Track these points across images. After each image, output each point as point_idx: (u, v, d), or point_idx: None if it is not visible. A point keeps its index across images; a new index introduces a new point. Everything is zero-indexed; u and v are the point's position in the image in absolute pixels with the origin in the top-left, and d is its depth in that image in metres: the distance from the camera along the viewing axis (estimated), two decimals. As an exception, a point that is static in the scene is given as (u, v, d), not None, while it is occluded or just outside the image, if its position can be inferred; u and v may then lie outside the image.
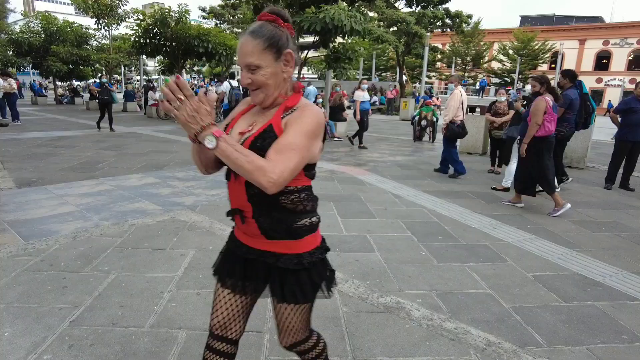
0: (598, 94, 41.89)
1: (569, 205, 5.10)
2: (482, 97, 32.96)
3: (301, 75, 13.61)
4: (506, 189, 6.12)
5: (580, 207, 5.47)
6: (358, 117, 10.12)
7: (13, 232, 3.88)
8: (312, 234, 1.40)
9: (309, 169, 1.36)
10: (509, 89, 21.63)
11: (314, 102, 11.11)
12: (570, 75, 6.35)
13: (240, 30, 32.14)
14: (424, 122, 11.99)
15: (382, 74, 42.67)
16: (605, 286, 3.22)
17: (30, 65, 25.57)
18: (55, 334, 2.35)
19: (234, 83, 13.47)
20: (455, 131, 6.85)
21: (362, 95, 10.23)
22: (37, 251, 3.47)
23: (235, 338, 1.55)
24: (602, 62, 42.31)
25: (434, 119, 12.28)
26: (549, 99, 5.02)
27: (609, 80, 41.31)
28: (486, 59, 43.75)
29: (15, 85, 13.17)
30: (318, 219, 1.42)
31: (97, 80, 16.69)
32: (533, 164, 5.07)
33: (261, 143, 1.26)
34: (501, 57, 41.93)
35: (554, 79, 20.38)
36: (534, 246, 4.01)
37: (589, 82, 41.84)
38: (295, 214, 1.34)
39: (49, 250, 3.50)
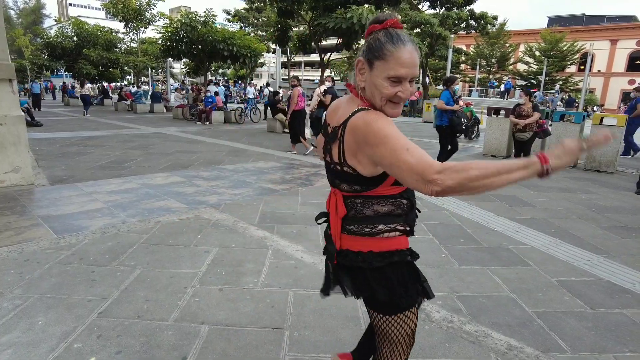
0: (630, 96, 40.32)
1: (311, 148, 8.95)
2: (506, 99, 32.26)
3: (324, 77, 13.67)
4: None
5: (609, 212, 5.31)
6: None
7: (46, 227, 4.05)
8: None
9: None
10: (535, 91, 21.14)
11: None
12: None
13: (264, 34, 32.44)
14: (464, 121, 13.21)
15: (405, 76, 42.31)
16: (634, 293, 3.12)
17: (64, 68, 26.57)
18: (84, 324, 2.45)
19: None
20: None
21: None
22: (68, 245, 3.61)
23: None
24: (635, 62, 40.77)
25: (473, 117, 13.42)
26: (300, 89, 9.16)
27: (642, 82, 39.74)
28: (512, 60, 42.84)
29: (89, 88, 18.93)
30: None
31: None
32: (291, 124, 9.24)
33: None
34: (527, 58, 40.97)
35: (583, 80, 19.78)
36: (558, 251, 3.92)
37: (620, 84, 40.46)
38: None
39: (79, 244, 3.64)
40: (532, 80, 39.36)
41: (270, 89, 17.99)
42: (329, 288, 1.56)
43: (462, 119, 6.71)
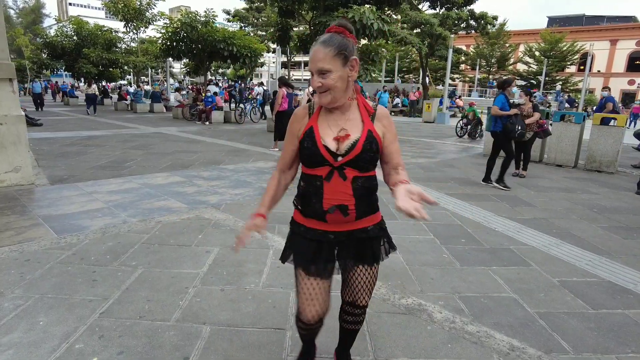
0: (630, 97, 40.42)
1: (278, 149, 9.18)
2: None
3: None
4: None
5: (609, 213, 5.30)
6: None
7: (47, 227, 4.05)
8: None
9: None
10: (535, 92, 21.13)
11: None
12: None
13: (264, 34, 32.49)
14: (464, 121, 13.75)
15: (405, 76, 42.35)
16: (636, 294, 3.12)
17: (63, 68, 26.55)
18: (86, 324, 2.44)
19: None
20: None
21: None
22: (68, 245, 3.61)
23: (325, 316, 1.78)
24: (635, 63, 40.79)
25: (476, 118, 13.68)
26: (284, 90, 9.17)
27: (642, 82, 39.74)
28: (511, 60, 42.84)
29: (95, 88, 19.37)
30: None
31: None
32: (276, 124, 9.42)
33: (369, 146, 1.56)
34: (527, 59, 40.98)
35: (583, 80, 19.76)
36: (560, 251, 3.92)
37: (620, 84, 40.48)
38: (375, 193, 1.68)
39: (79, 244, 3.64)
40: (532, 81, 39.37)
41: (265, 87, 19.71)
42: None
43: (517, 126, 6.27)
